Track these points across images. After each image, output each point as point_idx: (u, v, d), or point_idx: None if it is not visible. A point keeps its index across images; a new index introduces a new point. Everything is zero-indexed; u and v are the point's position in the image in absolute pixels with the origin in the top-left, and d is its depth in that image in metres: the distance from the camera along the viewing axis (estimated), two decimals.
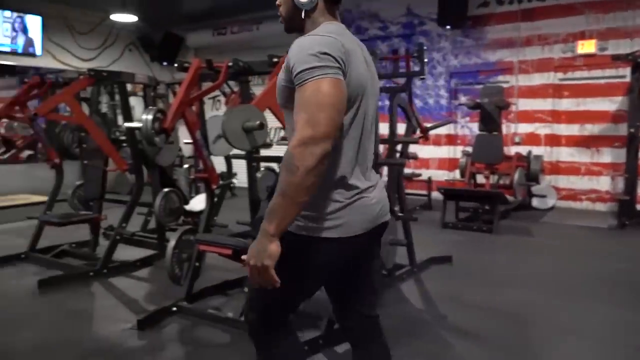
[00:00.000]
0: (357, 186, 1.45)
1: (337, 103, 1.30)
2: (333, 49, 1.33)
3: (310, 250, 1.44)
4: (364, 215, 1.46)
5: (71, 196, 4.95)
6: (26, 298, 3.63)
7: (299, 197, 1.28)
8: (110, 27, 9.82)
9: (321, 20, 1.49)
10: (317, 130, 1.26)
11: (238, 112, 2.47)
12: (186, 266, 3.52)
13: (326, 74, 1.30)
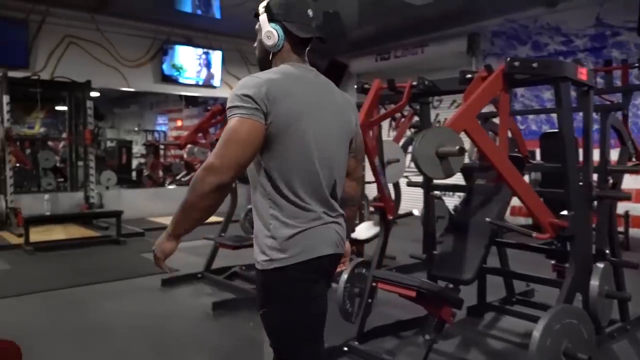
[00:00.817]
0: (313, 210, 1.53)
1: (245, 140, 1.43)
2: (254, 90, 1.45)
3: (284, 275, 1.51)
4: (323, 238, 1.54)
5: (243, 219, 5.08)
6: (201, 319, 3.69)
7: (192, 214, 1.47)
8: None
9: (281, 61, 1.61)
10: (221, 162, 1.41)
11: (431, 136, 2.15)
12: (357, 302, 3.26)
13: (241, 114, 1.44)
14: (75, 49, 7.94)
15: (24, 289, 4.42)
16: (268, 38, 1.59)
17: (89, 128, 7.67)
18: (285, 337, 1.58)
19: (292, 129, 1.50)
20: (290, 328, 1.55)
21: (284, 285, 1.52)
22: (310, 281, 1.54)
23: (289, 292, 1.52)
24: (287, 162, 1.50)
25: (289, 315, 1.53)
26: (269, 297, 1.55)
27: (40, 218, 6.59)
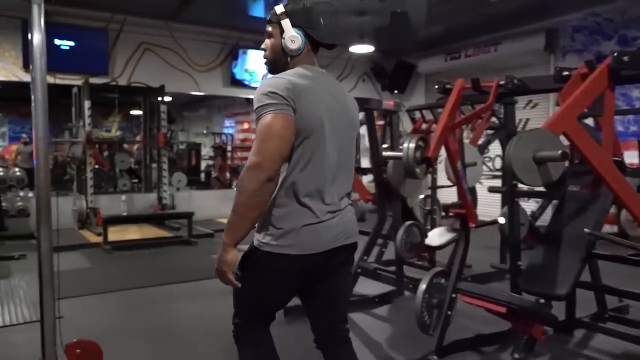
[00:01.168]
0: (313, 210, 1.64)
1: (281, 134, 1.53)
2: (280, 87, 1.56)
3: (269, 262, 1.67)
4: (318, 237, 1.66)
5: None
6: (273, 324, 3.64)
7: (248, 213, 1.56)
8: (347, 59, 10.26)
9: (296, 65, 1.70)
10: (263, 158, 1.51)
11: (528, 139, 1.97)
12: (436, 313, 3.10)
13: (273, 110, 1.53)
14: (151, 55, 8.24)
15: (102, 287, 4.58)
16: (292, 42, 1.68)
17: (162, 131, 7.92)
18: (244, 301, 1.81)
19: (312, 128, 1.60)
20: (249, 296, 1.77)
21: (265, 265, 1.68)
22: (283, 272, 1.69)
23: (266, 271, 1.69)
24: (302, 158, 1.61)
25: (256, 285, 1.72)
26: (245, 265, 1.71)
27: (118, 218, 6.87)
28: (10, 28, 7.03)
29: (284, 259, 1.64)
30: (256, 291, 1.74)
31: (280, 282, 1.73)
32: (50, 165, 2.07)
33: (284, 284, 1.75)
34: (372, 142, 3.92)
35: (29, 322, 3.65)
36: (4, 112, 15.06)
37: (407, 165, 2.59)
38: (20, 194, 7.38)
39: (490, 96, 2.72)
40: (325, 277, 1.80)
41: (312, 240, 1.65)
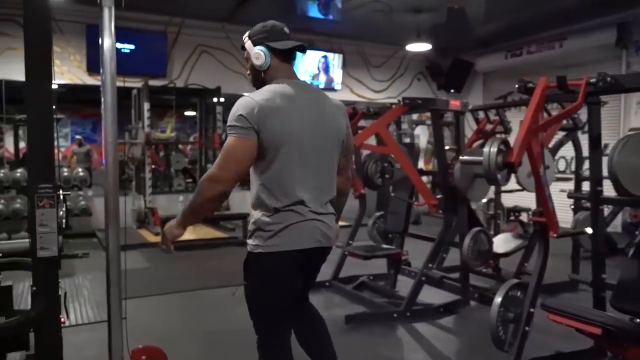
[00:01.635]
0: (296, 212, 1.84)
1: (241, 157, 1.77)
2: (248, 111, 1.76)
3: (264, 262, 1.86)
4: (301, 234, 1.84)
5: (371, 227, 4.87)
6: (334, 332, 3.49)
7: (200, 213, 1.91)
8: (401, 58, 10.05)
9: (272, 78, 1.88)
10: (222, 174, 1.77)
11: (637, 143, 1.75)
12: (512, 328, 2.89)
13: (238, 134, 1.76)
14: (207, 57, 8.32)
15: (163, 288, 4.61)
16: (257, 59, 1.86)
17: (218, 132, 7.98)
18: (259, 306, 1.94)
19: (282, 142, 1.78)
20: (258, 301, 1.94)
21: (260, 266, 1.87)
22: (278, 270, 1.87)
23: (263, 272, 1.88)
24: (276, 169, 1.80)
25: (259, 287, 1.90)
26: (248, 273, 1.91)
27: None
28: (76, 33, 7.26)
29: (275, 257, 1.83)
30: (262, 294, 1.91)
31: (279, 280, 1.89)
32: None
33: (283, 282, 1.91)
34: (438, 145, 3.75)
35: (94, 323, 3.70)
36: (67, 113, 15.71)
37: (488, 171, 2.41)
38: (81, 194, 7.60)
39: (579, 95, 2.49)
40: (309, 272, 2.05)
41: (296, 236, 1.83)
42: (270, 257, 1.83)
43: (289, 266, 1.87)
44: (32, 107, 1.92)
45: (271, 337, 1.96)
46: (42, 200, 1.89)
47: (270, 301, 1.92)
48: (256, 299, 1.92)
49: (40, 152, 1.91)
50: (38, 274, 1.93)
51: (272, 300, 1.91)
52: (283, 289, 1.92)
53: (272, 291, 1.90)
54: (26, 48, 1.91)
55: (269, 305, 1.92)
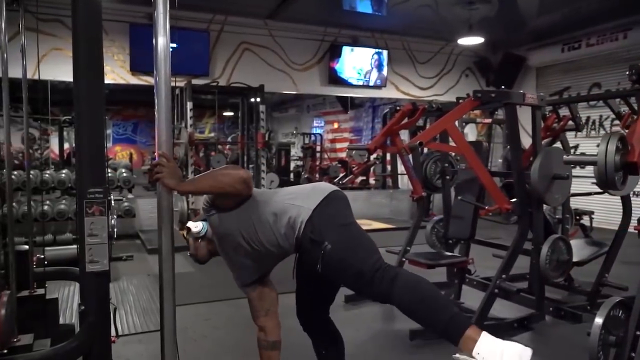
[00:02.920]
0: None
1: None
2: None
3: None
4: None
5: (429, 232, 4.52)
6: (399, 350, 3.22)
7: (212, 188, 1.97)
8: (449, 53, 9.63)
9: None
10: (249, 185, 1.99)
11: None
12: (613, 353, 2.52)
13: None
14: (250, 55, 8.13)
15: (210, 294, 4.39)
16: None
17: (261, 132, 7.77)
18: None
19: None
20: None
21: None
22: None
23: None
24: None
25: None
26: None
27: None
28: (119, 32, 7.18)
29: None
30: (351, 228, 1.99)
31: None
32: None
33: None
34: (513, 144, 3.38)
35: (141, 333, 3.50)
36: (110, 114, 15.90)
37: (603, 173, 2.05)
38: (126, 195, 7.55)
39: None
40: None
41: None
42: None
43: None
44: (82, 108, 1.70)
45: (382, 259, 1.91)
46: (92, 207, 1.66)
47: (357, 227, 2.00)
48: (352, 238, 1.93)
49: (90, 154, 1.69)
50: (87, 290, 1.70)
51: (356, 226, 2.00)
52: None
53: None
54: (76, 46, 1.70)
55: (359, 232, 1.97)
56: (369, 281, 1.83)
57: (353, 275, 1.88)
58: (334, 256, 1.86)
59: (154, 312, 3.89)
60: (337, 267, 1.89)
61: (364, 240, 1.95)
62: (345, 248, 1.88)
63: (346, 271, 1.89)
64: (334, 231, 1.90)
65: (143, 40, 7.20)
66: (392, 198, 9.33)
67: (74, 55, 1.74)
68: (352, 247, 1.89)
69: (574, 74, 8.84)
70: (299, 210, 1.96)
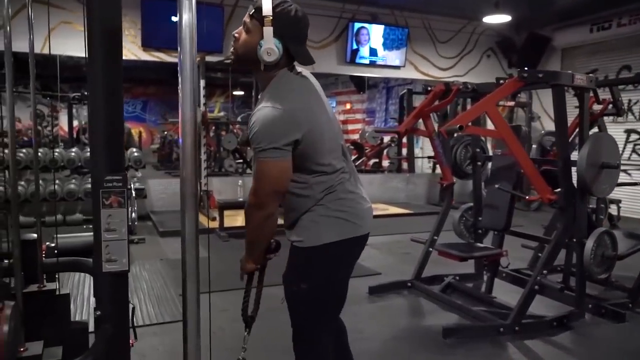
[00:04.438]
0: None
1: (279, 179, 1.60)
2: (284, 129, 1.55)
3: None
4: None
5: (457, 221, 4.28)
6: (433, 349, 3.00)
7: (260, 241, 1.76)
8: (470, 33, 9.26)
9: (272, 71, 1.64)
10: (262, 199, 1.63)
11: None
12: None
13: (274, 157, 1.56)
14: None
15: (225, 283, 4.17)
16: (268, 54, 1.58)
17: None
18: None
19: (315, 139, 1.62)
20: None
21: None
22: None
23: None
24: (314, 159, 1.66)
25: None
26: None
27: (236, 204, 6.45)
28: (130, 6, 6.87)
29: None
30: (330, 284, 1.84)
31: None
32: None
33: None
34: (560, 129, 3.12)
35: (156, 324, 3.30)
36: None
37: None
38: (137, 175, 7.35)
39: None
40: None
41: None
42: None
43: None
44: (98, 83, 1.46)
45: (323, 332, 1.82)
46: (110, 197, 1.42)
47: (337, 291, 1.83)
48: (321, 297, 1.77)
49: (107, 136, 1.45)
50: (103, 293, 1.48)
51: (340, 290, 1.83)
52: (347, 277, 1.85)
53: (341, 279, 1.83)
54: (91, 16, 1.45)
55: (334, 297, 1.82)
56: (293, 341, 1.85)
57: (294, 321, 1.84)
58: (297, 300, 1.79)
59: (169, 301, 3.70)
60: (291, 303, 1.82)
61: (328, 306, 1.82)
62: (310, 301, 1.76)
63: (293, 313, 1.83)
64: (320, 280, 1.75)
65: (156, 15, 6.92)
66: (409, 182, 9.06)
67: (89, 26, 1.49)
68: (313, 308, 1.78)
69: (602, 55, 8.45)
70: (320, 225, 1.71)
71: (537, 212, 7.86)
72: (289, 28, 1.60)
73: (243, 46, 1.65)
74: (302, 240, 1.71)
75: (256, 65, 1.63)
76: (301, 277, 1.73)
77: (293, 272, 1.77)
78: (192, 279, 1.67)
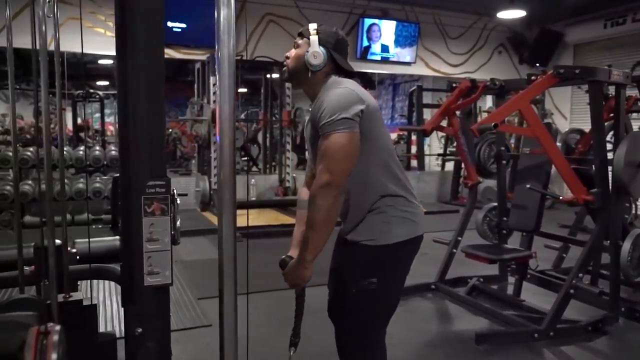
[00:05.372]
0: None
1: (352, 153, 1.61)
2: (355, 101, 1.62)
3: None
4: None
5: (481, 221, 4.16)
6: (466, 356, 2.88)
7: (327, 229, 1.63)
8: (481, 29, 9.12)
9: (323, 76, 1.76)
10: (334, 176, 1.58)
11: None
12: None
13: (345, 129, 1.59)
14: (274, 27, 7.68)
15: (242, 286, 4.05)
16: (314, 57, 1.71)
17: (287, 109, 7.37)
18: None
19: (376, 118, 1.71)
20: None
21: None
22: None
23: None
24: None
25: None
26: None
27: (250, 203, 6.34)
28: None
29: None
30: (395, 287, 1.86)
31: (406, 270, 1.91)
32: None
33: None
34: (597, 127, 2.99)
35: (175, 331, 3.17)
36: None
37: None
38: None
39: None
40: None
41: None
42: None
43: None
44: (139, 82, 1.35)
45: (380, 335, 1.83)
46: (152, 204, 1.30)
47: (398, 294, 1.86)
48: (388, 295, 1.77)
49: (149, 138, 1.33)
50: (145, 309, 1.36)
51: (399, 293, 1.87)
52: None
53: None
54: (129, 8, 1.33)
55: (395, 297, 1.85)
56: (349, 341, 1.83)
57: (354, 321, 1.78)
58: (365, 297, 1.72)
59: (187, 305, 3.58)
60: (353, 303, 1.76)
61: (390, 306, 1.82)
62: (376, 301, 1.74)
63: (354, 313, 1.77)
64: (390, 277, 1.75)
65: (170, 9, 6.77)
66: (419, 180, 8.93)
67: (123, 16, 1.37)
68: (380, 306, 1.77)
69: (616, 51, 8.32)
70: (392, 224, 1.71)
71: (550, 210, 7.73)
72: (331, 38, 1.76)
73: (294, 60, 1.78)
74: (373, 239, 1.70)
75: (305, 74, 1.75)
76: (368, 276, 1.71)
77: (357, 271, 1.74)
78: (230, 286, 1.59)
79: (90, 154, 6.20)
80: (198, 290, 3.90)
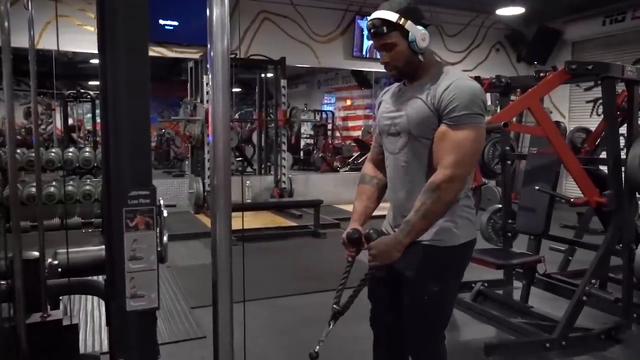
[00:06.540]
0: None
1: (480, 148, 1.69)
2: (484, 97, 1.63)
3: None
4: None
5: (485, 224, 4.02)
6: None
7: (435, 220, 1.62)
8: (479, 26, 9.00)
9: (429, 61, 1.70)
10: (464, 171, 1.59)
11: None
12: None
13: (481, 124, 1.60)
14: (269, 25, 7.51)
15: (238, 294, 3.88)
16: (423, 40, 1.63)
17: (282, 108, 7.20)
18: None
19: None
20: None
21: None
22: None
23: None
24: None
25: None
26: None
27: (246, 205, 6.16)
28: None
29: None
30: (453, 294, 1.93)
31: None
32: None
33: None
34: (611, 125, 2.85)
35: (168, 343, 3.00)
36: None
37: None
38: None
39: None
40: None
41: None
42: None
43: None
44: (121, 81, 1.20)
45: (443, 339, 1.84)
46: (135, 218, 1.14)
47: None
48: (451, 297, 1.83)
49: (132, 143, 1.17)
50: (128, 336, 1.19)
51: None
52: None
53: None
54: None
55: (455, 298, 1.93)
56: (422, 343, 1.81)
57: (421, 325, 1.77)
58: (433, 300, 1.70)
59: (180, 315, 3.41)
60: (419, 306, 1.73)
61: (452, 308, 1.89)
62: (443, 302, 1.76)
63: (421, 316, 1.75)
64: (452, 280, 1.78)
65: (158, 5, 6.58)
66: None
67: (105, 16, 1.21)
68: (447, 308, 1.82)
69: (616, 49, 8.21)
70: (458, 225, 1.70)
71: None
72: (414, 12, 1.64)
73: (399, 59, 1.66)
74: (441, 239, 1.67)
75: (417, 62, 1.65)
76: (436, 278, 1.69)
77: (424, 273, 1.70)
78: (225, 295, 1.46)
79: (80, 156, 6.03)
80: (192, 298, 3.73)
